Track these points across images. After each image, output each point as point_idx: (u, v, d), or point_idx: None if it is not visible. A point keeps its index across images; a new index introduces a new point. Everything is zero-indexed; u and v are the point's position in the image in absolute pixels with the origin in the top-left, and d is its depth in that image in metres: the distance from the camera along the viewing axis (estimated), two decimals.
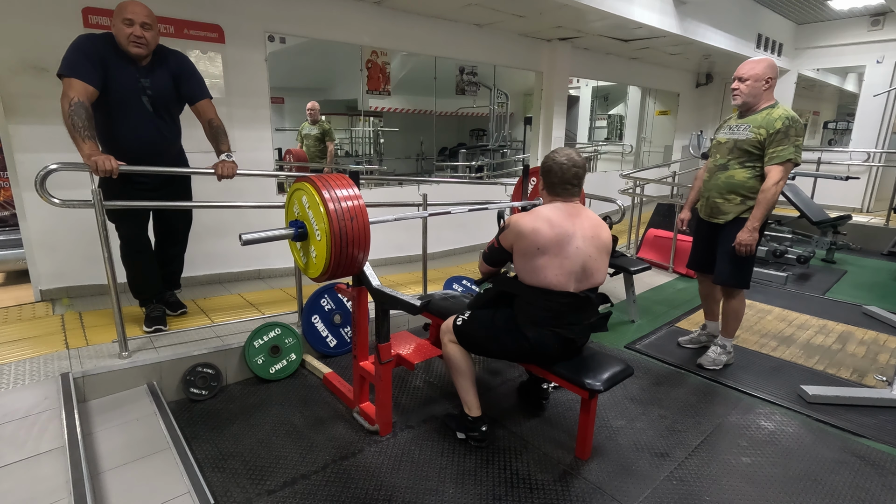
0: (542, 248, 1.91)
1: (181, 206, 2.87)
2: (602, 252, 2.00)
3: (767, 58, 2.63)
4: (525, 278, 1.99)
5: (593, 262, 1.97)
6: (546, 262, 1.92)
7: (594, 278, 1.99)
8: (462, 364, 2.14)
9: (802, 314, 3.82)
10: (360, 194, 1.89)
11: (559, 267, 1.92)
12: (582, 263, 1.94)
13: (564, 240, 1.92)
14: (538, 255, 1.92)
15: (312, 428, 2.26)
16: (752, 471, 2.04)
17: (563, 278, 1.93)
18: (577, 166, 1.99)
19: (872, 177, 7.82)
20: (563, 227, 1.93)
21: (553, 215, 1.95)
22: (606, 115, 11.66)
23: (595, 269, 1.98)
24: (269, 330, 2.72)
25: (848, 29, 7.89)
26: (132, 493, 1.72)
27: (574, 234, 1.93)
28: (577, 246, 1.93)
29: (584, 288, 1.98)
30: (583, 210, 2.04)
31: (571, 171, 1.98)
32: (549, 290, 1.93)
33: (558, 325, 1.97)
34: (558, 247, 1.91)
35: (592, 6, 4.54)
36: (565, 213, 1.97)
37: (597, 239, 1.98)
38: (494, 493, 1.87)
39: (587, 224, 1.99)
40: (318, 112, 6.04)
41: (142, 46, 2.39)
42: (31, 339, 2.63)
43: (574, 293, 1.95)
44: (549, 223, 1.92)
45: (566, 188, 2.01)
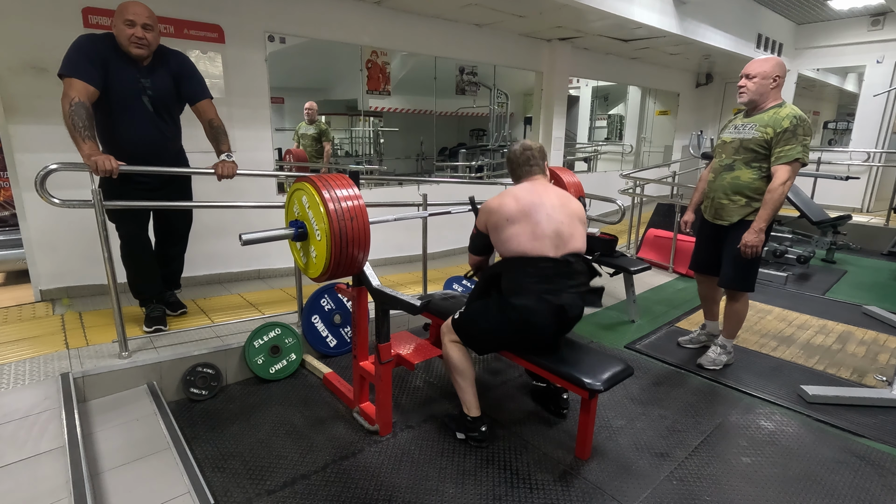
0: (511, 218, 2.02)
1: (181, 206, 2.87)
2: (574, 219, 2.08)
3: (775, 56, 2.60)
4: (502, 251, 2.09)
5: (566, 227, 2.04)
6: (517, 230, 2.01)
7: (571, 244, 2.05)
8: (461, 364, 2.16)
9: (802, 314, 3.82)
10: (360, 194, 1.89)
11: (531, 233, 2.00)
12: (555, 229, 2.02)
13: (532, 208, 2.02)
14: (508, 226, 2.03)
15: (312, 428, 2.26)
16: (752, 471, 2.04)
17: (538, 243, 2.00)
18: (528, 149, 2.17)
19: (872, 177, 7.82)
20: (530, 199, 2.04)
21: (519, 192, 2.09)
22: (606, 115, 11.65)
23: (570, 235, 2.04)
24: (269, 330, 2.72)
25: (848, 29, 7.89)
26: (132, 493, 1.72)
27: (542, 203, 2.04)
28: (546, 213, 2.02)
29: (563, 253, 2.03)
30: (549, 186, 2.16)
31: (524, 154, 2.17)
32: (527, 257, 2.00)
33: (543, 291, 1.99)
34: (526, 215, 2.01)
35: (592, 6, 4.54)
36: (531, 189, 2.10)
37: (566, 207, 2.08)
38: (494, 493, 1.87)
39: (554, 194, 2.10)
40: (315, 112, 6.04)
41: (143, 47, 2.39)
42: (31, 339, 2.63)
43: (553, 258, 2.00)
44: (515, 198, 2.06)
45: (525, 169, 2.18)
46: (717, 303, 3.05)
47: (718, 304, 3.04)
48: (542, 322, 2.01)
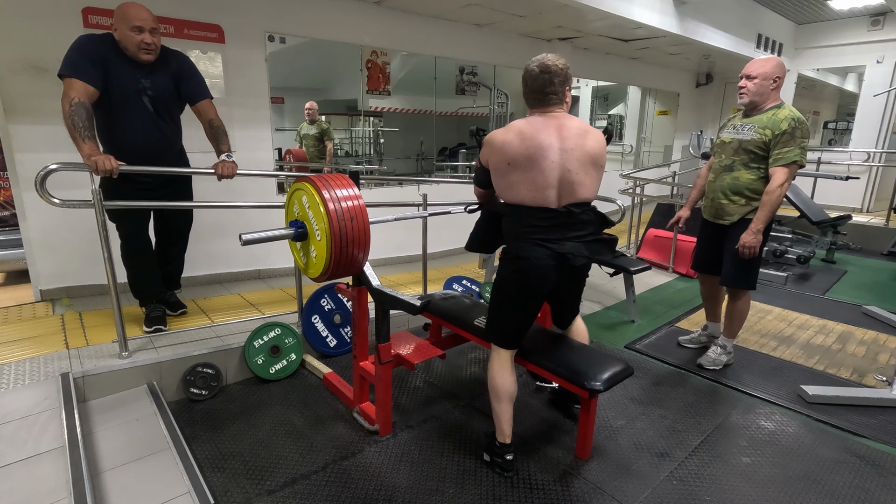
0: (513, 162, 1.80)
1: (181, 206, 2.87)
2: (586, 164, 1.83)
3: (776, 57, 2.59)
4: (501, 195, 1.92)
5: (574, 175, 1.80)
6: (518, 177, 1.82)
7: (578, 193, 1.83)
8: (495, 383, 1.98)
9: (802, 314, 3.82)
10: (360, 194, 1.89)
11: (531, 182, 1.80)
12: (559, 178, 1.80)
13: (537, 153, 1.78)
14: (510, 171, 1.83)
15: (312, 428, 2.26)
16: (752, 471, 2.04)
17: (538, 194, 1.81)
18: (546, 72, 1.80)
19: (872, 177, 7.82)
20: (536, 140, 1.78)
21: (526, 128, 1.81)
22: (606, 115, 11.64)
23: (577, 184, 1.82)
24: (269, 330, 2.72)
25: (848, 29, 7.89)
26: (132, 493, 1.72)
27: (550, 146, 1.78)
28: (552, 159, 1.78)
29: (567, 203, 1.83)
30: (566, 120, 1.84)
31: (540, 78, 1.81)
32: (527, 207, 1.84)
33: (542, 240, 1.84)
34: (529, 161, 1.78)
35: (592, 6, 4.54)
36: (542, 124, 1.82)
37: (579, 150, 1.80)
38: (494, 493, 1.87)
39: (567, 134, 1.81)
40: (316, 112, 6.05)
41: (152, 52, 2.43)
42: (31, 339, 2.63)
43: (554, 209, 1.82)
44: (521, 136, 1.79)
45: (538, 98, 1.86)
46: (720, 303, 3.05)
47: (721, 304, 3.04)
48: (542, 269, 1.84)
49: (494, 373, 1.99)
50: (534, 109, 1.90)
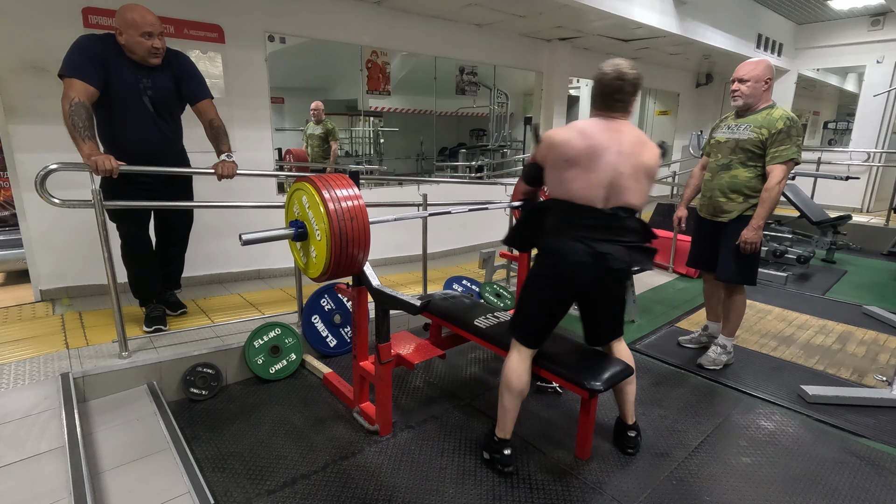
0: (571, 159, 1.83)
1: (182, 206, 2.87)
2: (639, 172, 1.84)
3: (765, 59, 2.65)
4: (553, 192, 1.94)
5: (626, 179, 1.82)
6: (574, 174, 1.84)
7: (625, 197, 1.84)
8: (516, 384, 1.96)
9: (802, 314, 3.82)
10: (360, 194, 1.89)
11: (585, 180, 1.82)
12: (611, 179, 1.81)
13: (595, 153, 1.81)
14: (566, 168, 1.85)
15: (312, 428, 2.26)
16: (752, 471, 2.04)
17: (590, 192, 1.83)
18: (621, 79, 1.82)
19: (872, 177, 7.82)
20: (597, 140, 1.82)
21: (588, 128, 1.85)
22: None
23: (627, 188, 1.83)
24: (269, 330, 2.72)
25: (848, 29, 7.89)
26: (132, 493, 1.72)
27: (608, 148, 1.81)
28: (608, 160, 1.81)
29: (614, 206, 1.85)
30: (626, 127, 1.88)
31: (613, 84, 1.83)
32: (574, 204, 1.85)
33: (584, 237, 1.84)
34: (588, 159, 1.81)
35: (592, 6, 4.54)
36: (603, 126, 1.86)
37: (634, 157, 1.83)
38: (494, 493, 1.87)
39: (626, 140, 1.84)
40: (322, 112, 6.04)
41: (160, 56, 2.45)
42: (31, 339, 2.63)
43: (600, 209, 1.84)
44: (582, 135, 1.83)
45: (606, 102, 1.88)
46: (721, 302, 3.06)
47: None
48: (578, 266, 1.84)
49: (511, 368, 1.97)
50: (597, 112, 1.93)
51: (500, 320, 2.44)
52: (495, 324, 2.39)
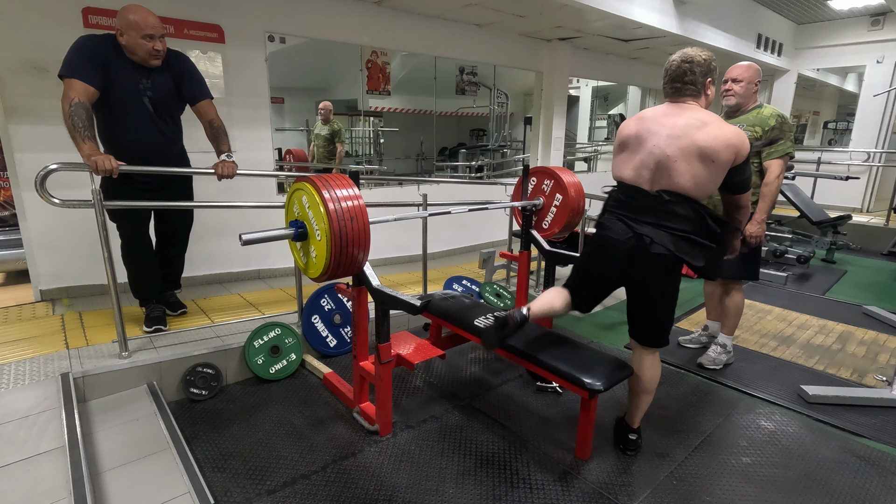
0: (623, 143, 1.98)
1: (181, 207, 2.87)
2: (688, 154, 1.79)
3: (754, 64, 2.73)
4: (613, 172, 2.06)
5: (672, 162, 1.80)
6: (624, 157, 1.97)
7: (673, 180, 1.81)
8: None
9: (802, 314, 3.82)
10: (360, 194, 1.89)
11: (632, 162, 1.93)
12: (657, 161, 1.84)
13: (644, 136, 1.89)
14: (619, 151, 2.01)
15: (312, 428, 2.26)
16: (752, 471, 2.04)
17: (635, 173, 1.91)
18: (687, 61, 1.88)
19: (872, 177, 7.82)
20: (648, 124, 1.91)
21: (650, 114, 1.96)
22: (606, 115, 11.64)
23: (675, 171, 1.80)
24: (269, 330, 2.72)
25: (848, 29, 7.89)
26: (132, 493, 1.72)
27: (657, 132, 1.86)
28: (654, 143, 1.85)
29: (658, 188, 1.85)
30: (688, 111, 1.87)
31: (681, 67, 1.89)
32: (624, 184, 1.97)
33: (625, 216, 1.92)
34: (636, 142, 1.92)
35: (592, 6, 4.54)
36: (663, 111, 1.93)
37: (685, 139, 1.79)
38: (494, 493, 1.87)
39: (680, 122, 1.83)
40: (330, 112, 6.03)
41: (161, 58, 2.46)
42: (31, 339, 2.63)
43: (645, 190, 1.88)
44: (640, 120, 1.95)
45: (674, 87, 1.94)
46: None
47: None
48: (615, 242, 1.90)
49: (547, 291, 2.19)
50: (667, 98, 2.00)
51: None
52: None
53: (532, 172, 3.00)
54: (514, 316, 2.01)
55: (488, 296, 3.71)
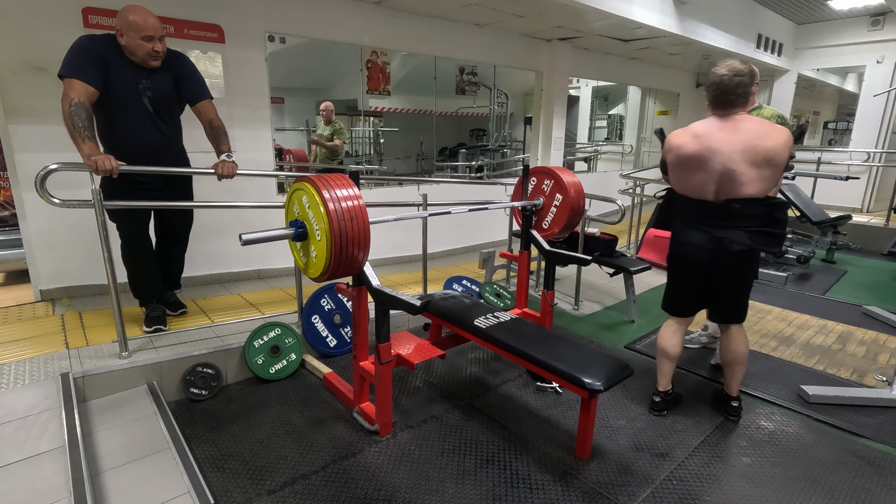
0: (683, 162, 2.09)
1: (181, 206, 2.87)
2: (758, 164, 1.97)
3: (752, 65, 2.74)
4: (675, 187, 2.24)
5: (740, 175, 1.98)
6: (688, 174, 2.11)
7: (740, 190, 2.01)
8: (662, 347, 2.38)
9: (802, 314, 3.82)
10: (360, 194, 1.89)
11: (696, 180, 2.08)
12: (721, 176, 2.01)
13: (707, 155, 2.01)
14: (681, 168, 2.13)
15: (312, 428, 2.26)
16: (752, 471, 2.04)
17: (701, 188, 2.07)
18: (739, 74, 1.99)
19: (872, 177, 7.82)
20: (709, 143, 2.01)
21: (703, 130, 2.05)
22: (606, 115, 11.64)
23: (738, 183, 2.00)
24: (269, 330, 2.72)
25: (848, 29, 7.89)
26: (132, 493, 1.72)
27: (718, 150, 1.99)
28: (719, 160, 1.99)
29: (724, 198, 2.05)
30: (743, 122, 2.02)
31: (733, 81, 2.00)
32: (690, 199, 2.14)
33: (703, 225, 2.11)
34: (699, 161, 2.03)
35: (592, 6, 4.54)
36: (717, 127, 2.04)
37: (751, 151, 1.97)
38: (494, 493, 1.87)
39: (741, 137, 1.98)
40: (331, 112, 6.10)
41: (160, 59, 2.46)
42: (31, 339, 2.63)
43: (712, 202, 2.07)
44: (696, 138, 2.04)
45: (724, 101, 2.04)
46: None
47: None
48: (697, 248, 2.12)
49: (662, 336, 2.40)
50: (714, 111, 2.11)
51: (500, 320, 2.44)
52: (495, 324, 2.39)
53: (532, 172, 3.00)
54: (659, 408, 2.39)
55: (488, 296, 3.71)
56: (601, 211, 6.65)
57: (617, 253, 3.73)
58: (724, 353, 2.36)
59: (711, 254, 2.11)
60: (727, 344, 2.34)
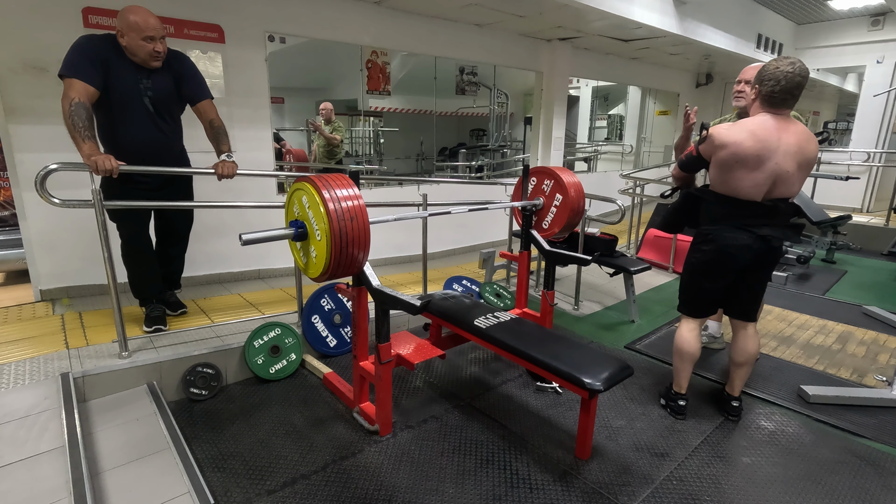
0: (742, 160, 1.98)
1: (181, 206, 2.87)
2: (802, 167, 2.03)
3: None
4: (716, 186, 2.13)
5: (788, 176, 2.01)
6: (742, 174, 2.01)
7: (787, 190, 2.05)
8: (682, 349, 2.33)
9: (802, 314, 3.82)
10: (360, 194, 1.89)
11: (752, 180, 2.01)
12: (775, 177, 2.00)
13: (765, 154, 1.96)
14: (736, 167, 2.01)
15: (312, 428, 2.26)
16: (752, 471, 2.04)
17: (754, 189, 2.03)
18: (801, 75, 1.94)
19: (872, 177, 7.82)
20: (767, 142, 1.96)
21: (758, 128, 1.98)
22: (606, 115, 11.64)
23: (789, 183, 2.03)
24: (269, 330, 2.72)
25: (848, 29, 7.89)
26: (132, 493, 1.72)
27: (776, 149, 1.97)
28: (775, 161, 1.97)
29: (771, 198, 2.06)
30: (792, 125, 2.02)
31: (794, 80, 1.93)
32: (737, 199, 2.07)
33: (746, 225, 2.08)
34: (756, 160, 1.97)
35: (592, 6, 4.54)
36: (773, 126, 1.99)
37: (800, 154, 1.99)
38: (494, 493, 1.87)
39: (793, 139, 1.98)
40: (331, 112, 6.12)
41: (161, 59, 2.46)
42: (31, 339, 2.63)
43: (760, 203, 2.05)
44: (754, 136, 1.97)
45: (783, 99, 1.98)
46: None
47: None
48: (744, 248, 2.09)
49: (681, 337, 2.35)
50: (769, 109, 2.02)
51: (500, 320, 2.44)
52: (495, 324, 2.39)
53: (532, 172, 3.00)
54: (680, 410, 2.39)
55: (488, 296, 3.71)
56: (601, 211, 6.65)
57: (617, 253, 3.73)
58: (737, 354, 2.34)
59: (756, 253, 2.11)
60: (743, 345, 2.32)
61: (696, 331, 2.34)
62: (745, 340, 2.31)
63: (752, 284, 2.25)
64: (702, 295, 2.29)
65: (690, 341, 2.32)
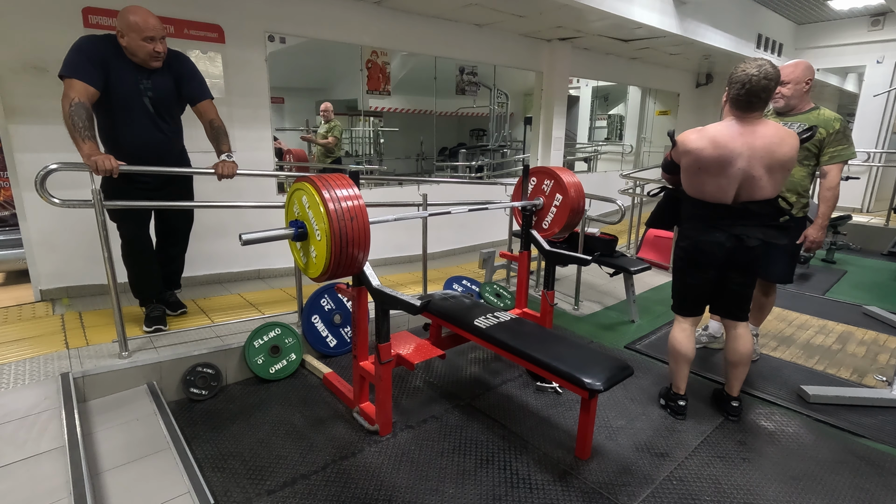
0: (703, 167, 2.03)
1: (181, 206, 2.87)
2: (774, 170, 2.00)
3: (804, 61, 2.61)
4: (687, 190, 2.20)
5: (757, 180, 2.01)
6: (705, 179, 2.06)
7: (757, 193, 2.05)
8: (676, 350, 2.33)
9: (802, 314, 3.82)
10: (360, 194, 1.89)
11: (716, 185, 2.05)
12: (741, 181, 2.01)
13: (726, 161, 1.98)
14: (700, 173, 2.07)
15: (312, 428, 2.26)
16: (752, 471, 2.04)
17: (719, 194, 2.06)
18: (767, 78, 1.93)
19: (872, 177, 7.82)
20: (728, 148, 1.97)
21: (721, 134, 2.00)
22: (606, 115, 11.65)
23: (759, 186, 2.03)
24: (269, 330, 2.72)
25: (848, 29, 7.89)
26: (132, 493, 1.72)
27: (739, 154, 1.98)
28: (738, 167, 1.98)
29: (741, 201, 2.07)
30: (761, 128, 2.00)
31: (759, 84, 1.93)
32: (706, 202, 2.12)
33: (718, 226, 2.12)
34: (718, 167, 2.00)
35: (592, 6, 4.54)
36: (737, 131, 2.00)
37: (769, 157, 1.98)
38: (494, 493, 1.87)
39: (760, 143, 1.98)
40: (330, 112, 6.18)
41: (161, 59, 2.46)
42: (31, 339, 2.63)
43: (729, 205, 2.07)
44: (714, 143, 1.99)
45: (749, 103, 1.97)
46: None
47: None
48: (717, 245, 2.11)
49: (674, 338, 2.35)
50: (736, 112, 2.04)
51: (500, 320, 2.44)
52: (495, 324, 2.39)
53: (532, 172, 3.00)
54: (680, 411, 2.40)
55: (488, 296, 3.71)
56: (601, 211, 6.65)
57: (617, 253, 3.73)
58: (730, 354, 2.34)
59: (729, 250, 2.12)
60: (735, 345, 2.32)
61: (688, 331, 2.33)
62: (736, 340, 2.31)
63: (736, 283, 2.23)
64: (686, 291, 2.32)
65: (683, 342, 2.32)
